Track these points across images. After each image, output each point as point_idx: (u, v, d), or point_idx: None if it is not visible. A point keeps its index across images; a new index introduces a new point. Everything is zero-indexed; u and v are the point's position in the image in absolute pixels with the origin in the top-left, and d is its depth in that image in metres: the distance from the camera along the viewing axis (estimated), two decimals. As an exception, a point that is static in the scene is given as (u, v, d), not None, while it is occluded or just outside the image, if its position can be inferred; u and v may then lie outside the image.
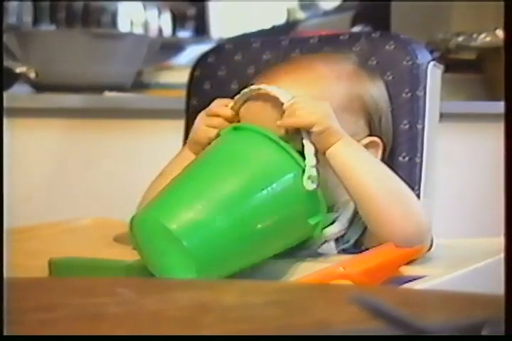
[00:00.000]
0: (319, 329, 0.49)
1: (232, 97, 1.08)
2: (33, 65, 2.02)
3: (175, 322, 0.54)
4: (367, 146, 1.09)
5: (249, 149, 0.98)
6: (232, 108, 1.08)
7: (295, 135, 1.00)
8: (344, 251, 1.05)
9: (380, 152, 1.11)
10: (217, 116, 1.07)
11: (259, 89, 1.05)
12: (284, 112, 1.01)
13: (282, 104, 1.01)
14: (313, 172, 0.95)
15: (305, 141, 0.98)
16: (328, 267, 0.91)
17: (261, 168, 0.95)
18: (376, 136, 1.11)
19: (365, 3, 2.81)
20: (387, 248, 0.95)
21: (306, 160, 0.95)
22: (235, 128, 1.01)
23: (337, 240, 1.05)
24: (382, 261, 0.93)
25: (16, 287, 0.65)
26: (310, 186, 0.94)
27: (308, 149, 0.97)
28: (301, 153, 0.98)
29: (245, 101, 1.07)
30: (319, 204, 0.96)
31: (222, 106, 1.08)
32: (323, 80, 1.09)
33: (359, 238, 1.06)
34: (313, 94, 1.07)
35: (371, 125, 1.11)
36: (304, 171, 0.95)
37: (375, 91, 1.13)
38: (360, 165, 1.01)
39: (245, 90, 1.06)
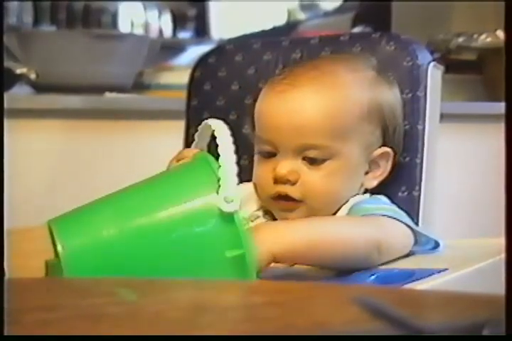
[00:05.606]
0: (319, 329, 0.49)
1: (232, 97, 1.07)
2: (34, 65, 2.02)
3: (175, 322, 0.53)
4: (379, 157, 1.10)
5: (184, 174, 0.90)
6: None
7: None
8: None
9: (390, 162, 1.11)
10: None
11: None
12: None
13: None
14: (231, 192, 0.81)
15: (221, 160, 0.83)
16: None
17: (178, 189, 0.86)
18: (389, 146, 1.11)
19: (366, 4, 2.81)
20: None
21: (223, 183, 0.82)
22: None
23: None
24: None
25: (16, 287, 0.65)
26: (227, 207, 0.81)
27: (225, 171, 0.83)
28: None
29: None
30: (238, 233, 0.80)
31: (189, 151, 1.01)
32: (346, 87, 1.08)
33: None
34: (336, 102, 1.07)
35: (385, 135, 1.11)
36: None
37: (393, 100, 1.13)
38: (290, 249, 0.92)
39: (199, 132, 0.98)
